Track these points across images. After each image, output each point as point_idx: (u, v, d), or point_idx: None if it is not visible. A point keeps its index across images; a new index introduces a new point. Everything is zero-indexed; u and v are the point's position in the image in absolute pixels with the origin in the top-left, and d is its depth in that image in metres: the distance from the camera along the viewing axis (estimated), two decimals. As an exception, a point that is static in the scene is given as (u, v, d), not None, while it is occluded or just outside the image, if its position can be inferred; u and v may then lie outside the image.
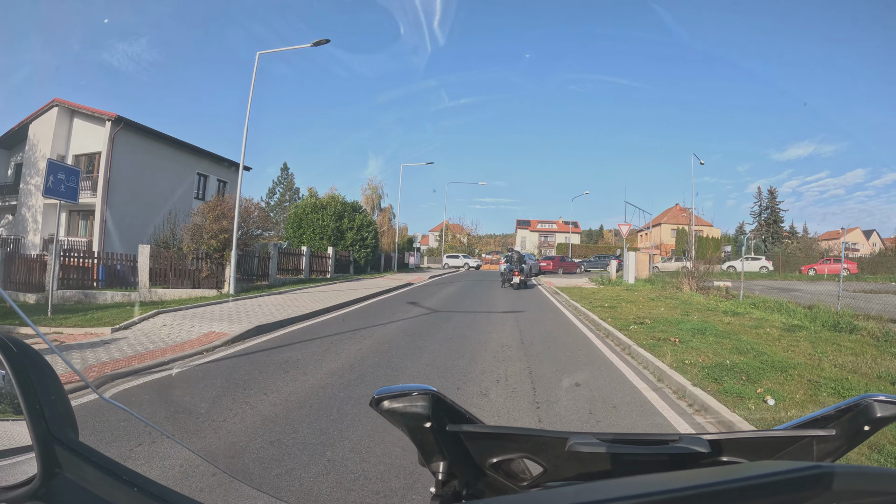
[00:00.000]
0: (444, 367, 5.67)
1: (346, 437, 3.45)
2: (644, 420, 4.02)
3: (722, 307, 11.94)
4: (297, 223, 24.38)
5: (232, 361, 5.85)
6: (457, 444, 0.74)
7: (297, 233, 24.25)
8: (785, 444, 0.73)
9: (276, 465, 2.98)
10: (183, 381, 4.97)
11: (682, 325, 8.61)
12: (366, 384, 4.84)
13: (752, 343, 6.87)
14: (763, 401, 4.31)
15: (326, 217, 23.74)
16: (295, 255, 19.99)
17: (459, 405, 0.75)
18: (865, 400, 0.70)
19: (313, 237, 23.67)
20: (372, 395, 0.70)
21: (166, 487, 0.57)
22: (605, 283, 20.62)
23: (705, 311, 11.07)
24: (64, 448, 0.54)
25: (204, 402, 4.22)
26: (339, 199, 24.84)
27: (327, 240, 23.50)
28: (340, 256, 23.65)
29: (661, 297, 14.51)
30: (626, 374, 5.49)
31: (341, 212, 24.31)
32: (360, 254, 24.42)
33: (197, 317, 8.96)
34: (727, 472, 0.60)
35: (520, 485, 0.77)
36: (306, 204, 24.51)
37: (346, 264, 24.05)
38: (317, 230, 23.70)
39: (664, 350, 6.30)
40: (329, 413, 3.97)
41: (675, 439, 0.71)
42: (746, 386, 4.73)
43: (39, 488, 0.54)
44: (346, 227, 24.07)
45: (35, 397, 0.55)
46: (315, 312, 9.96)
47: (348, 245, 23.98)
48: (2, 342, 0.58)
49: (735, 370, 5.28)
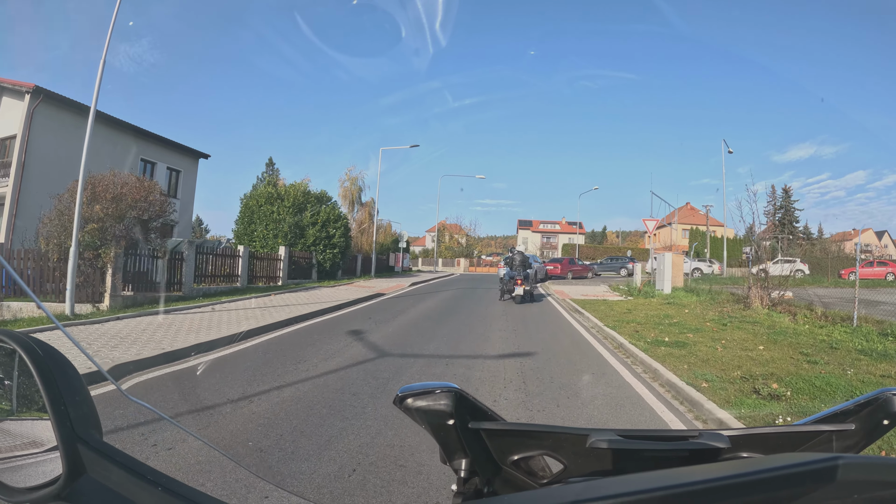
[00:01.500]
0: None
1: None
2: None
3: (846, 341, 7.37)
4: (247, 218, 19.78)
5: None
6: (478, 441, 0.74)
7: (248, 230, 19.65)
8: (804, 438, 0.73)
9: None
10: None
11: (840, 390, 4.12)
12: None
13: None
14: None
15: (282, 210, 19.13)
16: (231, 258, 15.40)
17: (481, 402, 0.73)
18: (885, 394, 0.69)
19: (266, 235, 19.07)
20: (396, 394, 0.70)
21: (190, 487, 0.56)
22: (632, 292, 16.00)
23: (829, 351, 6.58)
24: (88, 448, 0.55)
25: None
26: (301, 188, 20.18)
27: (283, 238, 18.90)
28: (299, 259, 19.04)
29: (729, 320, 9.89)
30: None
31: (302, 203, 19.68)
32: (325, 255, 19.77)
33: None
34: (746, 464, 0.60)
35: (539, 482, 0.77)
36: (259, 194, 19.88)
37: (306, 268, 19.43)
38: (270, 226, 19.09)
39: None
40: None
41: (696, 435, 0.70)
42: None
43: (64, 488, 0.55)
44: (307, 223, 19.44)
45: (60, 398, 0.56)
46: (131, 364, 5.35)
47: (309, 244, 19.34)
48: (27, 345, 0.59)
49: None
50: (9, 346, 0.62)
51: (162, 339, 6.37)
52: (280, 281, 17.57)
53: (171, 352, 5.68)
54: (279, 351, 6.34)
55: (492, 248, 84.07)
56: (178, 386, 4.67)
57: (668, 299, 13.89)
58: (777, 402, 4.29)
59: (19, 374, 0.64)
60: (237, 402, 4.08)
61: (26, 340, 0.60)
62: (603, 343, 7.42)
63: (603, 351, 6.80)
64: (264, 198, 19.71)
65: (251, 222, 19.65)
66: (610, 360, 6.26)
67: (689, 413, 4.23)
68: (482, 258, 55.06)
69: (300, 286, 16.57)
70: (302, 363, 5.58)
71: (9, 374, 0.66)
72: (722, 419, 3.89)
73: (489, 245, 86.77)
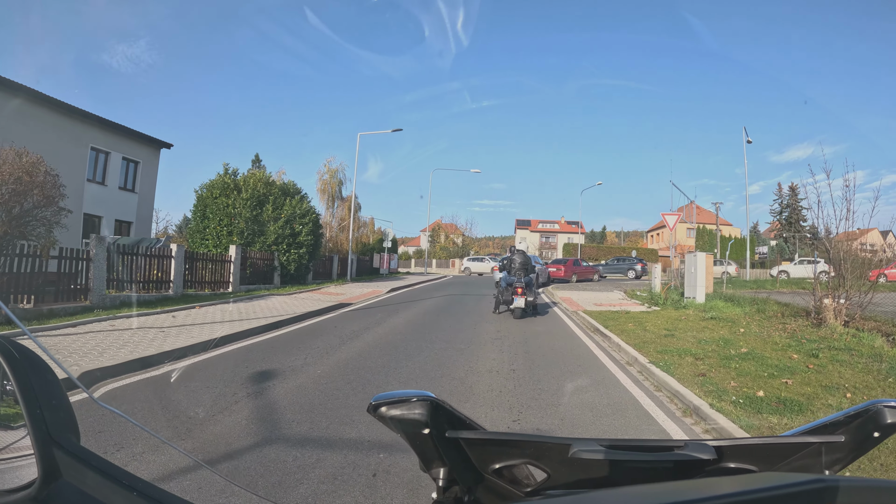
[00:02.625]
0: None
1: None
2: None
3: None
4: (200, 213, 16.78)
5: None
6: (457, 449, 0.73)
7: (201, 226, 16.66)
8: (793, 450, 0.72)
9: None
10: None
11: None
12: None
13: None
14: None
15: (239, 203, 16.14)
16: (161, 259, 12.44)
17: (460, 411, 0.71)
18: (875, 406, 0.68)
19: (220, 232, 16.09)
20: (369, 402, 0.68)
21: (165, 491, 0.55)
22: (655, 300, 13.07)
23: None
24: (64, 452, 0.54)
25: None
26: (262, 178, 17.17)
27: (238, 235, 15.92)
28: (257, 260, 16.06)
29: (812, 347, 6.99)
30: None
31: (262, 195, 16.69)
32: (290, 256, 16.76)
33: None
34: (730, 483, 0.59)
35: (523, 490, 0.76)
36: (213, 184, 16.90)
37: (266, 272, 16.45)
38: (224, 221, 16.10)
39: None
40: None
41: (681, 445, 0.69)
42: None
43: (39, 492, 0.54)
44: (267, 218, 16.44)
45: (36, 401, 0.55)
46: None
47: (270, 243, 16.35)
48: (4, 347, 0.58)
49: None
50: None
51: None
52: (230, 287, 14.59)
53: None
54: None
55: (489, 248, 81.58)
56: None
57: (707, 311, 10.98)
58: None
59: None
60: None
61: (3, 343, 0.59)
62: (662, 404, 4.45)
63: (671, 424, 3.86)
64: (219, 189, 16.71)
65: (204, 217, 16.66)
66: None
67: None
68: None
69: (251, 294, 13.59)
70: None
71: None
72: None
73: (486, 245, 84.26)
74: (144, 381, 4.74)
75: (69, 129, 21.09)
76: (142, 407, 4.01)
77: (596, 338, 7.86)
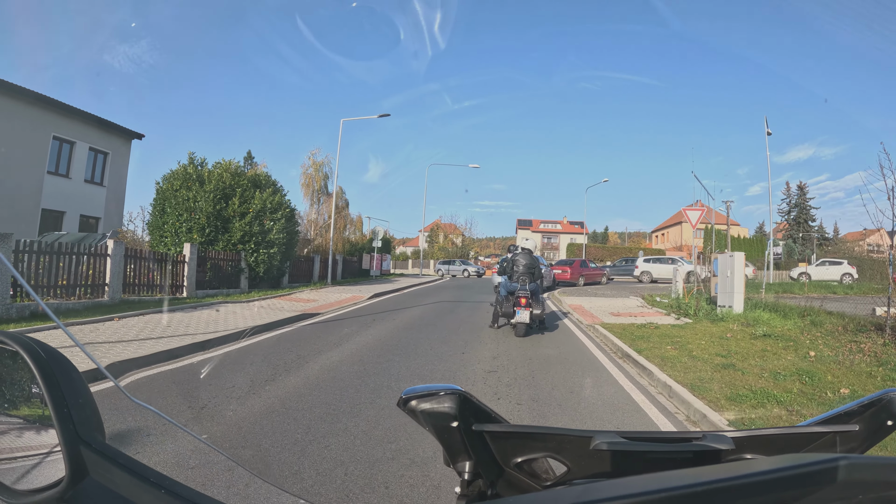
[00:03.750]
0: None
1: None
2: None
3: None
4: (160, 207, 14.68)
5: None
6: (482, 443, 0.73)
7: (160, 221, 14.57)
8: (808, 440, 0.73)
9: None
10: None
11: None
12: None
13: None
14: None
15: (201, 196, 14.05)
16: (95, 257, 10.39)
17: (486, 405, 0.72)
18: (888, 395, 0.68)
19: (178, 228, 13.99)
20: (399, 396, 0.69)
21: (193, 490, 0.55)
22: (684, 310, 10.97)
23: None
24: (91, 451, 0.54)
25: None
26: (229, 167, 15.05)
27: (198, 233, 13.83)
28: (220, 261, 13.97)
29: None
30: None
31: (229, 188, 14.60)
32: (259, 256, 14.64)
33: None
34: (749, 465, 0.58)
35: (543, 484, 0.76)
36: (175, 175, 14.81)
37: (231, 274, 14.35)
38: (184, 216, 14.00)
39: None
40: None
41: (699, 437, 0.70)
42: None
43: (66, 491, 0.54)
44: (232, 214, 14.34)
45: (63, 401, 0.56)
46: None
47: (235, 242, 14.26)
48: (31, 347, 0.59)
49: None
50: (11, 348, 0.61)
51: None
52: (185, 291, 12.51)
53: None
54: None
55: (490, 248, 79.61)
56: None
57: (752, 324, 8.90)
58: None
59: (22, 376, 0.64)
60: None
61: (28, 342, 0.60)
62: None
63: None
64: (180, 180, 14.62)
65: (163, 212, 14.58)
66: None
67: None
68: (479, 259, 50.56)
69: (204, 301, 11.49)
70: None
71: (11, 375, 0.66)
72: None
73: (487, 246, 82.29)
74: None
75: (27, 115, 19.11)
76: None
77: (628, 368, 5.76)
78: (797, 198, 59.77)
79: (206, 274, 13.45)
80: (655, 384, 5.08)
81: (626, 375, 5.41)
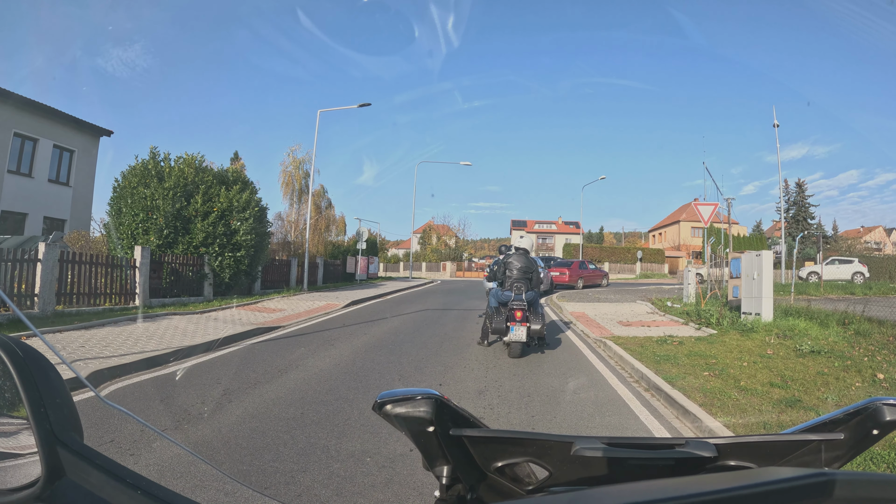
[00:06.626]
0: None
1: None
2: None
3: None
4: (116, 206, 13.15)
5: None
6: (461, 448, 0.72)
7: (116, 222, 13.03)
8: (793, 447, 0.72)
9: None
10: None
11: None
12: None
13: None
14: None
15: (159, 194, 12.54)
16: (28, 264, 8.91)
17: (464, 409, 0.70)
18: (874, 403, 0.67)
19: (134, 229, 12.47)
20: (375, 399, 0.67)
21: (170, 490, 0.55)
22: (704, 318, 9.56)
23: None
24: (68, 451, 0.54)
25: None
26: (191, 162, 13.51)
27: (156, 234, 12.33)
28: (178, 266, 12.46)
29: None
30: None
31: (191, 185, 13.08)
32: (224, 260, 13.13)
33: None
34: (731, 479, 0.59)
35: (525, 488, 0.75)
36: (133, 172, 13.29)
37: (193, 280, 12.84)
38: (140, 216, 12.50)
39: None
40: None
41: (682, 443, 0.69)
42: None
43: (43, 491, 0.53)
44: (194, 213, 12.85)
45: (39, 400, 0.55)
46: None
47: (197, 244, 12.77)
48: (7, 346, 0.58)
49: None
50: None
51: None
52: (137, 300, 11.00)
53: None
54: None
55: (484, 250, 78.26)
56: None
57: (790, 336, 7.51)
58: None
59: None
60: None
61: (6, 341, 0.58)
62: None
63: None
64: (138, 177, 13.10)
65: (119, 212, 13.05)
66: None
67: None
68: (473, 261, 49.13)
69: (156, 311, 9.96)
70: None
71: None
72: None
73: (481, 248, 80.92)
74: None
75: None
76: None
77: (660, 407, 4.32)
78: (796, 195, 58.78)
79: (162, 280, 11.94)
80: (701, 431, 3.66)
81: (661, 420, 3.97)
